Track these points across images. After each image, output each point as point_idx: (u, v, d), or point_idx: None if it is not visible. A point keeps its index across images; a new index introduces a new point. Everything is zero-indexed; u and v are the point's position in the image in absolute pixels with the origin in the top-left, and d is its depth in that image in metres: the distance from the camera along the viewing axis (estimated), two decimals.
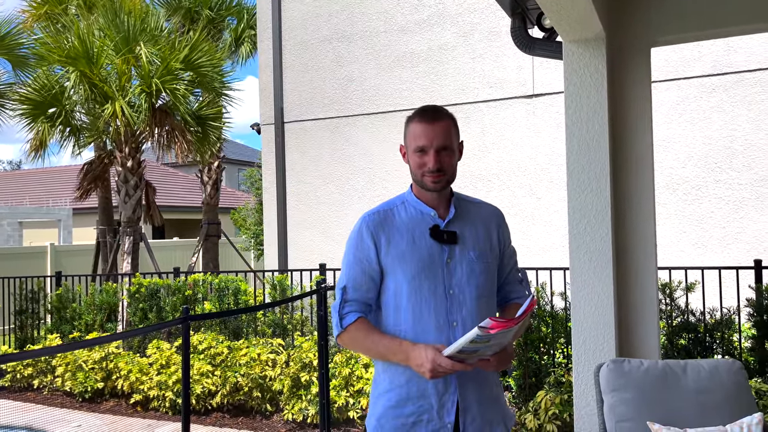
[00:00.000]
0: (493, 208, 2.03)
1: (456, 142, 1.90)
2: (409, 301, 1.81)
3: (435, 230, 1.84)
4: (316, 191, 8.02)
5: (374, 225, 1.87)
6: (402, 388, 1.81)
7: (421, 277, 1.80)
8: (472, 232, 1.90)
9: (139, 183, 9.17)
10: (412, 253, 1.82)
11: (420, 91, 7.53)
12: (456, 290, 1.82)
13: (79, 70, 8.35)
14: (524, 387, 5.01)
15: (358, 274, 1.86)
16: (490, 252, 1.91)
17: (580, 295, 3.33)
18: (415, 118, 1.87)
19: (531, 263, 6.49)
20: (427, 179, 1.83)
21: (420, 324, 1.79)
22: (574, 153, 3.37)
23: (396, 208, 1.91)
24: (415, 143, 1.85)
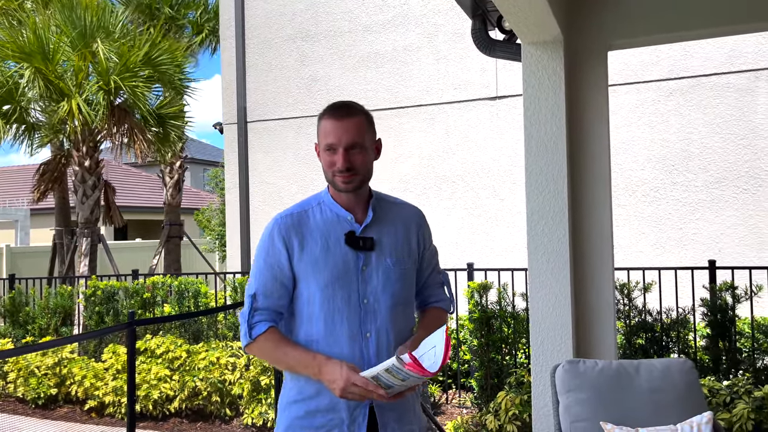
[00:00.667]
0: (414, 209, 1.97)
1: (370, 139, 1.78)
2: (321, 309, 1.72)
3: (351, 237, 1.75)
4: (279, 192, 7.93)
5: (286, 228, 1.76)
6: (312, 400, 1.72)
7: (334, 285, 1.72)
8: (391, 236, 1.81)
9: (98, 183, 8.95)
10: (325, 259, 1.73)
11: (384, 91, 7.51)
12: (371, 299, 1.74)
13: (34, 66, 8.11)
14: (486, 388, 5.02)
15: (269, 280, 1.75)
16: (409, 257, 1.83)
17: (538, 295, 3.35)
18: (325, 115, 1.77)
19: (494, 264, 6.53)
20: (338, 179, 1.73)
21: (332, 334, 1.71)
22: (533, 155, 3.39)
23: (312, 209, 1.80)
24: (324, 141, 1.75)
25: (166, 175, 11.60)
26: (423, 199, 7.27)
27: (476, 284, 5.17)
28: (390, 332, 1.74)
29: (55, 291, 7.29)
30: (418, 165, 7.33)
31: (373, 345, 1.72)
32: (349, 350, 1.70)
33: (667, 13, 3.28)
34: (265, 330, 1.73)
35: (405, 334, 1.79)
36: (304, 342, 1.74)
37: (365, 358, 1.71)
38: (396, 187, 7.38)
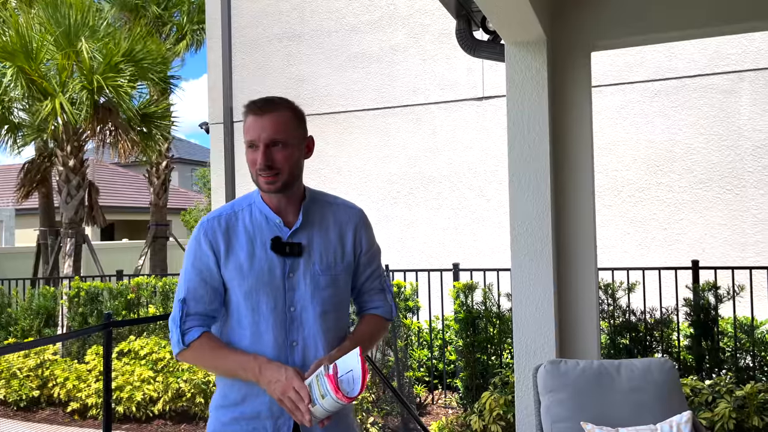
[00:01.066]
0: (352, 211, 1.80)
1: (296, 136, 1.67)
2: (246, 317, 1.65)
3: (276, 242, 1.66)
4: None
5: (213, 232, 1.67)
6: (236, 407, 1.66)
7: (259, 292, 1.64)
8: (322, 240, 1.71)
9: (82, 183, 8.86)
10: (250, 265, 1.65)
11: (371, 91, 7.50)
12: (297, 307, 1.66)
13: (16, 65, 8.02)
14: (471, 388, 5.02)
15: (199, 284, 1.67)
16: (341, 261, 1.72)
17: (521, 296, 3.35)
18: (247, 111, 1.66)
19: (480, 264, 6.53)
20: (260, 179, 1.63)
21: (259, 343, 1.64)
22: (516, 154, 3.40)
23: (241, 211, 1.70)
24: (245, 137, 1.64)
25: (152, 176, 11.52)
26: (410, 199, 7.27)
27: (461, 284, 5.17)
28: (319, 341, 1.66)
29: (38, 292, 7.21)
30: (404, 165, 7.33)
31: (299, 354, 1.65)
32: (274, 357, 1.62)
33: (651, 15, 3.29)
34: (198, 336, 1.65)
35: (337, 341, 1.71)
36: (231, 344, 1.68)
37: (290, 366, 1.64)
38: (382, 188, 7.38)
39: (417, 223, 7.23)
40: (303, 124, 1.71)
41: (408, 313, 5.56)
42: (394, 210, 7.33)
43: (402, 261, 7.05)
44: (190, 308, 1.66)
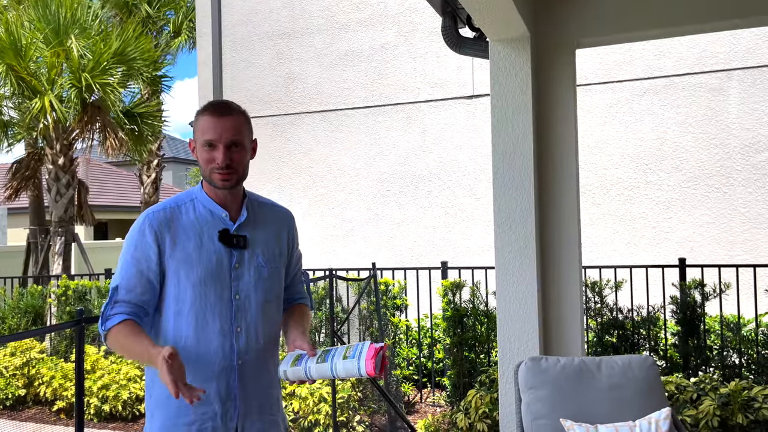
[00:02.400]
0: (285, 211, 1.98)
1: (248, 139, 1.79)
2: (192, 306, 1.71)
3: (224, 234, 1.75)
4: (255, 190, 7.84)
5: (158, 223, 1.73)
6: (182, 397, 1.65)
7: (207, 282, 1.72)
8: (263, 235, 1.83)
9: (72, 181, 8.83)
10: (199, 256, 1.72)
11: (361, 90, 7.48)
12: (242, 295, 1.76)
13: (5, 62, 7.97)
14: (459, 386, 5.01)
15: (134, 275, 1.71)
16: (279, 256, 1.86)
17: (505, 293, 3.35)
18: (205, 112, 1.75)
19: (470, 262, 6.54)
20: (216, 176, 1.72)
21: (204, 330, 1.71)
22: (500, 152, 3.39)
23: (184, 206, 1.78)
24: (203, 137, 1.72)
25: (143, 174, 11.47)
26: (400, 197, 7.26)
27: (449, 282, 5.17)
28: (260, 327, 1.78)
29: (27, 291, 7.18)
30: (394, 164, 7.32)
31: (243, 339, 1.75)
32: (220, 344, 1.72)
33: (635, 12, 3.29)
34: (118, 322, 1.68)
35: (274, 328, 1.85)
36: (173, 338, 1.72)
37: (235, 351, 1.74)
38: (373, 186, 7.37)
39: (407, 221, 7.23)
40: (251, 128, 1.83)
41: (396, 312, 5.55)
42: (384, 209, 7.32)
43: (392, 259, 7.05)
44: (120, 296, 1.70)
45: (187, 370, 1.64)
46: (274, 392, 1.85)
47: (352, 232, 7.40)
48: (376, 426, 4.83)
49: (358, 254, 7.25)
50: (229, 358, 1.73)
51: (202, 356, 1.71)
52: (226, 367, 1.73)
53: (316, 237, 7.54)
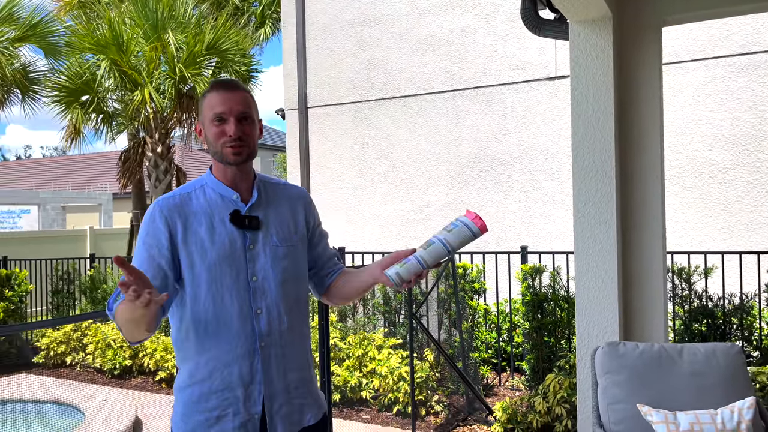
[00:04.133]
0: (298, 190, 1.93)
1: (256, 115, 1.79)
2: (209, 290, 1.70)
3: (236, 216, 1.73)
4: (338, 176, 8.09)
5: (169, 210, 1.72)
6: (204, 383, 1.70)
7: (222, 265, 1.70)
8: (276, 215, 1.80)
9: (169, 168, 9.40)
10: (211, 239, 1.71)
11: (441, 74, 7.49)
12: (259, 277, 1.73)
13: (109, 57, 8.58)
14: (537, 371, 5.01)
15: (145, 260, 1.70)
16: (296, 234, 1.82)
17: (584, 278, 3.32)
18: (211, 89, 1.76)
19: (551, 247, 6.45)
20: (227, 150, 1.69)
21: (223, 313, 1.69)
22: (579, 135, 3.35)
23: (195, 191, 1.77)
24: (212, 112, 1.71)
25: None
26: (479, 181, 7.24)
27: (528, 267, 5.14)
28: (282, 308, 1.74)
29: None
30: (474, 147, 7.30)
31: (264, 321, 1.72)
32: (240, 327, 1.69)
33: None
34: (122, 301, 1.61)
35: (299, 308, 1.81)
36: (194, 324, 1.70)
37: (257, 333, 1.71)
38: (452, 170, 7.39)
39: (487, 205, 7.20)
40: (257, 107, 1.82)
41: (474, 295, 5.58)
42: (463, 193, 7.33)
43: (472, 243, 7.06)
44: None
45: (208, 353, 1.69)
46: (304, 374, 1.81)
47: (432, 217, 7.47)
48: (454, 406, 4.91)
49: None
50: (251, 341, 1.70)
51: (223, 340, 1.69)
52: (249, 350, 1.69)
53: (396, 221, 7.66)
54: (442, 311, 5.41)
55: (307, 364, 1.83)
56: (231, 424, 1.69)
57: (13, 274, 7.49)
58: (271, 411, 1.72)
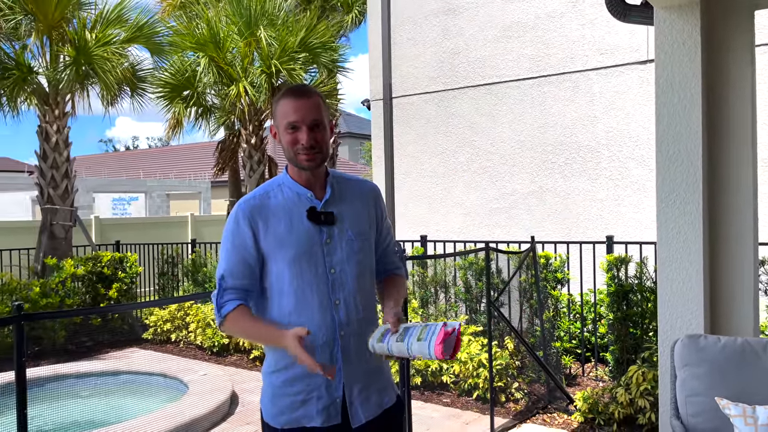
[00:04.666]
0: (369, 185, 2.00)
1: (327, 118, 1.85)
2: (291, 284, 1.80)
3: (312, 212, 1.82)
4: (421, 165, 8.21)
5: (250, 211, 1.83)
6: (288, 370, 1.81)
7: (301, 260, 1.80)
8: (350, 210, 1.89)
9: (262, 158, 9.88)
10: (290, 236, 1.80)
11: (526, 60, 7.41)
12: (337, 269, 1.82)
13: (207, 54, 9.11)
14: (621, 362, 4.94)
15: (236, 262, 1.83)
16: (369, 229, 1.91)
17: (666, 269, 3.28)
18: (284, 97, 1.82)
19: (642, 237, 6.27)
20: (301, 157, 1.80)
21: (304, 306, 1.80)
22: (664, 124, 3.29)
23: (272, 191, 1.87)
24: (286, 120, 1.79)
25: None
26: (565, 169, 7.13)
27: (612, 257, 5.06)
28: (358, 298, 1.84)
29: None
30: (560, 135, 7.18)
31: (342, 312, 1.81)
32: (321, 318, 1.79)
33: None
34: (233, 308, 1.81)
35: (371, 299, 1.91)
36: (278, 315, 1.83)
37: (336, 323, 1.80)
38: (537, 158, 7.32)
39: (573, 194, 7.08)
40: (327, 109, 1.90)
41: (557, 285, 5.55)
42: (548, 181, 7.24)
43: (556, 233, 6.98)
44: (227, 283, 1.83)
45: None
46: (379, 360, 1.87)
47: (516, 205, 7.44)
48: (534, 394, 4.95)
49: (521, 227, 7.28)
50: (331, 331, 1.79)
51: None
52: (329, 339, 1.79)
53: (480, 210, 7.69)
54: (523, 300, 5.43)
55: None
56: (315, 407, 1.80)
57: (125, 257, 8.18)
58: (351, 396, 1.82)
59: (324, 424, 1.81)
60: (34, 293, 6.98)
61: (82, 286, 7.69)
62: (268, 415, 1.85)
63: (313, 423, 1.80)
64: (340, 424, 1.82)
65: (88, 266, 7.69)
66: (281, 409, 1.83)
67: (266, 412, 1.87)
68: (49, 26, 8.31)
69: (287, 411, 1.82)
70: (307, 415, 1.81)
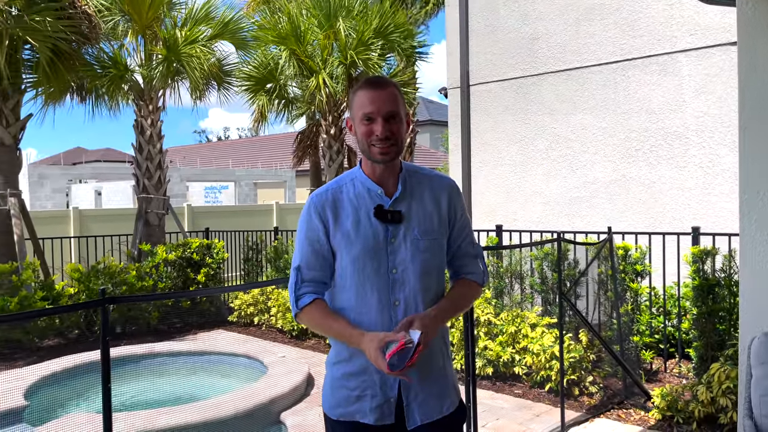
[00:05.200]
0: (445, 180, 1.91)
1: (403, 111, 1.81)
2: (352, 280, 1.80)
3: (379, 210, 1.79)
4: (499, 153, 8.10)
5: (321, 205, 1.83)
6: (346, 363, 1.83)
7: (364, 257, 1.78)
8: (419, 208, 1.83)
9: (341, 148, 10.08)
10: (356, 232, 1.80)
11: (609, 44, 7.13)
12: (399, 269, 1.79)
13: (289, 48, 9.38)
14: (706, 359, 4.72)
15: (311, 254, 1.84)
16: (438, 227, 1.85)
17: (749, 263, 3.11)
18: (360, 88, 1.79)
19: (734, 228, 5.91)
20: (375, 149, 1.77)
21: (363, 303, 1.79)
22: (747, 109, 3.12)
23: (345, 185, 1.86)
24: (361, 111, 1.76)
25: None
26: (650, 156, 6.83)
27: (697, 249, 4.82)
28: (419, 300, 1.79)
29: None
30: (645, 120, 6.88)
31: (401, 312, 1.78)
32: (379, 317, 1.77)
33: None
34: (310, 302, 1.82)
35: (437, 299, 1.84)
36: (339, 308, 1.83)
37: (394, 323, 1.76)
38: (620, 145, 7.05)
39: (659, 182, 6.78)
40: (404, 101, 1.85)
41: (636, 277, 5.36)
42: (632, 169, 6.96)
43: (640, 223, 6.72)
44: (303, 275, 1.84)
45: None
46: (440, 364, 1.84)
47: (597, 194, 7.21)
48: (610, 389, 4.82)
49: (603, 217, 7.05)
50: (386, 329, 1.74)
51: (362, 328, 1.76)
52: None
53: (559, 199, 7.51)
54: (602, 292, 5.28)
55: (443, 354, 1.88)
56: (369, 404, 1.80)
57: (212, 244, 8.63)
58: (408, 397, 1.80)
59: (377, 423, 1.80)
60: (131, 277, 7.51)
61: (173, 270, 8.19)
62: (327, 405, 1.88)
63: (366, 419, 1.81)
64: (393, 425, 1.81)
65: (179, 252, 8.17)
66: (338, 401, 1.84)
67: (325, 401, 1.90)
68: (143, 26, 8.84)
69: (343, 404, 1.84)
70: (361, 410, 1.81)
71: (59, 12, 7.53)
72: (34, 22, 7.16)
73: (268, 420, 4.60)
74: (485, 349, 5.12)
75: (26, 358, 6.46)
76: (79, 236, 10.04)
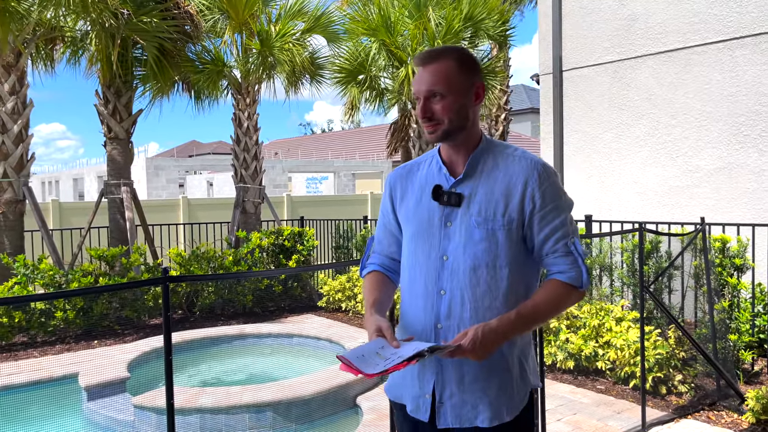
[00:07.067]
0: (526, 163, 1.67)
1: (456, 84, 1.64)
2: (407, 262, 1.74)
3: (436, 190, 1.68)
4: (593, 140, 7.77)
5: (394, 180, 1.82)
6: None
7: (418, 239, 1.70)
8: (486, 192, 1.66)
9: None
10: (415, 212, 1.73)
11: (715, 22, 6.62)
12: (450, 257, 1.65)
13: (379, 39, 9.47)
14: None
15: (381, 227, 1.86)
16: (503, 216, 1.64)
17: None
18: (414, 64, 1.71)
19: None
20: (424, 129, 1.70)
21: (413, 287, 1.71)
22: None
23: (424, 162, 1.81)
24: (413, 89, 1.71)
25: (492, 128, 12.26)
26: (761, 142, 6.29)
27: None
28: (467, 294, 1.63)
29: None
30: (755, 104, 6.33)
31: (445, 304, 1.65)
32: (423, 304, 1.68)
33: None
34: (369, 272, 1.85)
35: (490, 299, 1.64)
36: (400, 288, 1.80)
37: (436, 316, 1.66)
38: (726, 131, 6.54)
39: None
40: (469, 71, 1.68)
41: (735, 272, 4.97)
42: (740, 156, 6.44)
43: (748, 214, 6.22)
44: (375, 248, 1.89)
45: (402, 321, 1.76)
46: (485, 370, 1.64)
47: (699, 183, 6.73)
48: (702, 389, 4.52)
49: (705, 207, 6.58)
50: (429, 320, 1.66)
51: (409, 313, 1.72)
52: (426, 328, 1.66)
53: (658, 188, 7.09)
54: (697, 288, 4.95)
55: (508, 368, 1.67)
56: (410, 392, 1.74)
57: (303, 232, 8.93)
58: (441, 396, 1.67)
59: (412, 413, 1.74)
60: (228, 261, 7.94)
61: (266, 256, 8.56)
62: (386, 384, 1.86)
63: (408, 405, 1.77)
64: (427, 423, 1.71)
65: (272, 239, 8.52)
66: (394, 381, 1.81)
67: (387, 381, 1.86)
68: (239, 23, 9.26)
69: (395, 385, 1.80)
70: (405, 395, 1.77)
71: (165, 13, 8.06)
72: (142, 23, 7.70)
73: (345, 403, 4.72)
74: (566, 341, 4.96)
75: (135, 334, 7.02)
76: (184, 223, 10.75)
